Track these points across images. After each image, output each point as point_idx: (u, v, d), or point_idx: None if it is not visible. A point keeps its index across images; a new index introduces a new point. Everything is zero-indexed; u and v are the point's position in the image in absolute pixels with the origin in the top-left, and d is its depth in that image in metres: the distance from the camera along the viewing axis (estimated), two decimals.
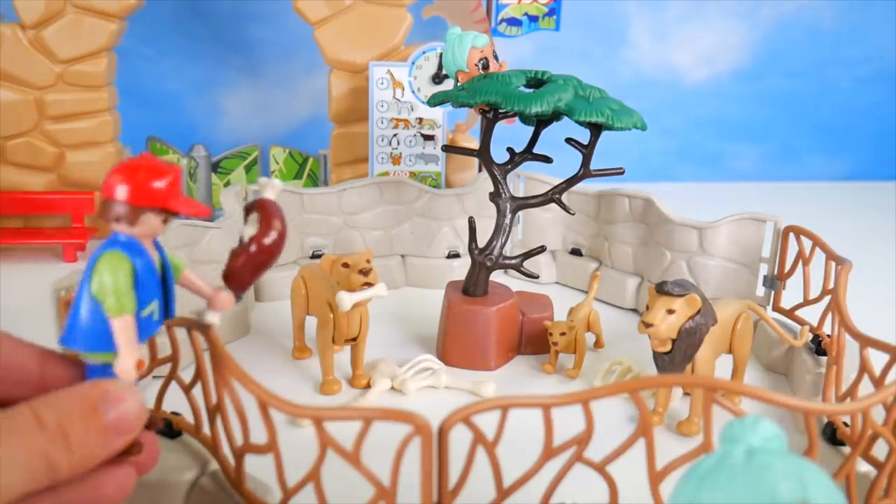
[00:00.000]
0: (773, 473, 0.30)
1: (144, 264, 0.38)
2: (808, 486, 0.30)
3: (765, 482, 0.30)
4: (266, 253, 0.42)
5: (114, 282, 0.37)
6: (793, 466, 0.30)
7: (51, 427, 0.34)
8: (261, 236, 0.42)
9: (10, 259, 1.06)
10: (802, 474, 0.30)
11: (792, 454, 0.31)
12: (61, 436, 0.34)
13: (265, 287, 0.95)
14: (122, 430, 0.36)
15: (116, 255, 0.37)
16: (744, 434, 0.31)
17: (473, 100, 0.74)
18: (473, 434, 0.42)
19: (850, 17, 1.60)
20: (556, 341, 0.76)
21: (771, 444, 0.31)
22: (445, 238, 1.02)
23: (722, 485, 0.30)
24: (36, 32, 1.04)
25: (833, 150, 1.70)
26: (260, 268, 0.43)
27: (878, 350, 0.55)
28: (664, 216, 0.90)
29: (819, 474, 0.30)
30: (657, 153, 1.63)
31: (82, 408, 0.35)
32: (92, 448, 0.35)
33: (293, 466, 0.45)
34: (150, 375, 0.56)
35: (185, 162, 1.17)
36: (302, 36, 1.20)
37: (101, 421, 0.35)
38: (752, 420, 0.32)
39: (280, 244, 0.42)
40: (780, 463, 0.30)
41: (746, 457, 0.31)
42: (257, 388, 0.43)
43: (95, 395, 0.36)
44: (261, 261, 0.42)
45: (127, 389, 0.37)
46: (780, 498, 0.29)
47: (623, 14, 1.55)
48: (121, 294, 0.37)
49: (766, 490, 0.29)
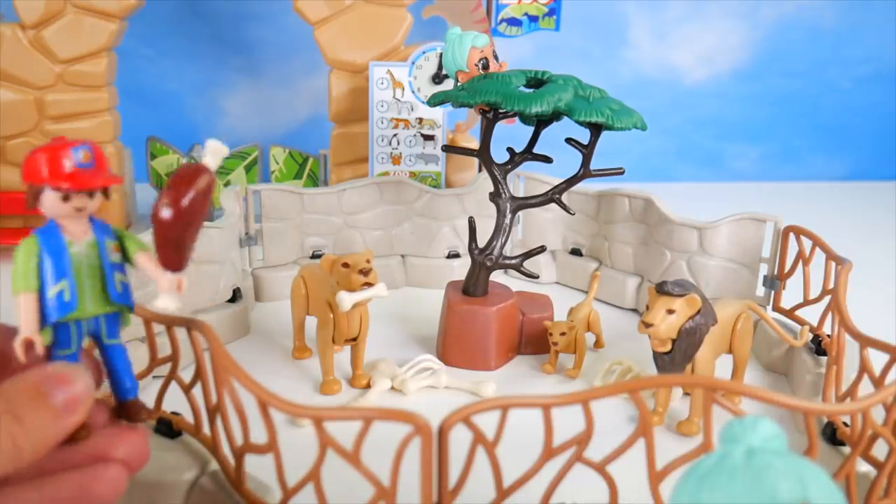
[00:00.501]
0: (774, 473, 0.30)
1: (51, 245, 0.39)
2: (808, 485, 0.30)
3: (765, 482, 0.30)
4: (168, 225, 0.39)
5: (19, 263, 0.39)
6: (793, 466, 0.30)
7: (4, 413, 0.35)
8: (160, 205, 0.39)
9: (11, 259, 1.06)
10: (803, 474, 0.30)
11: (792, 454, 0.31)
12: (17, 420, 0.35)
13: (265, 287, 0.95)
14: (71, 410, 0.37)
15: (29, 239, 0.39)
16: (744, 434, 0.31)
17: (473, 100, 0.74)
18: (473, 434, 0.42)
19: (850, 17, 1.60)
20: (556, 341, 0.76)
21: (771, 443, 0.31)
22: (445, 238, 1.02)
23: (722, 485, 0.30)
24: (36, 32, 1.04)
25: (833, 150, 1.70)
26: (175, 241, 0.40)
27: (878, 350, 0.55)
28: (664, 216, 0.90)
29: (819, 474, 0.30)
30: (657, 153, 1.63)
31: (29, 392, 0.36)
32: (45, 430, 0.36)
33: (293, 466, 0.45)
34: (150, 375, 0.56)
35: (185, 162, 1.17)
36: (302, 36, 1.20)
37: (48, 403, 0.36)
38: (752, 420, 0.31)
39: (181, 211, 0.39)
40: (781, 463, 0.30)
41: (746, 457, 0.31)
42: (257, 388, 0.43)
43: (40, 379, 0.37)
44: (171, 233, 0.40)
45: (71, 370, 0.38)
46: (780, 498, 0.29)
47: (623, 14, 1.55)
48: (18, 274, 0.39)
49: (766, 490, 0.29)
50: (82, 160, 0.39)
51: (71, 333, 0.40)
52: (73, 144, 0.39)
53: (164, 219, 0.39)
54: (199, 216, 0.40)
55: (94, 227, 0.41)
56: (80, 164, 0.39)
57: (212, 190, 0.40)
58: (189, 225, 0.40)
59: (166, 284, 0.41)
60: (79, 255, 0.40)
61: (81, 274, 0.40)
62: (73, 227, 0.40)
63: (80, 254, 0.40)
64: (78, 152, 0.39)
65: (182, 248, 0.40)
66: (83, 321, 0.41)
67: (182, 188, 0.39)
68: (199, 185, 0.39)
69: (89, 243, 0.41)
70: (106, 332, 0.42)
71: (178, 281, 0.41)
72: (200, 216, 0.40)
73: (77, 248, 0.40)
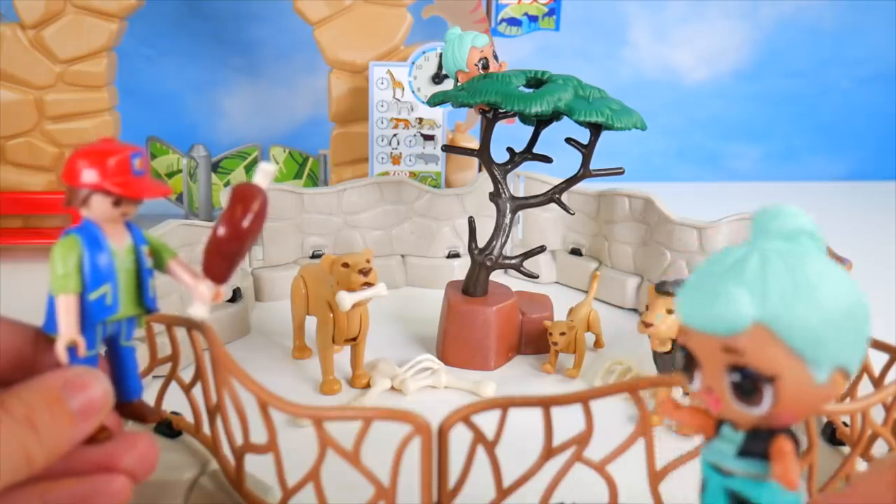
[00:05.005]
0: (737, 282, 0.27)
1: (96, 248, 0.39)
2: (769, 303, 0.27)
3: (724, 290, 0.27)
4: (225, 241, 0.40)
5: (59, 263, 0.38)
6: (772, 275, 0.27)
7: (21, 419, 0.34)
8: (224, 221, 0.40)
9: (10, 259, 1.06)
10: (774, 287, 0.27)
11: (807, 257, 0.28)
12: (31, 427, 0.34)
13: (265, 287, 0.95)
14: (89, 416, 0.37)
15: (69, 239, 0.38)
16: (760, 226, 0.28)
17: (473, 100, 0.74)
18: (473, 434, 0.42)
19: (850, 17, 1.60)
20: (556, 341, 0.76)
21: (789, 241, 0.28)
22: (445, 238, 1.02)
23: (696, 284, 0.29)
24: (36, 32, 1.04)
25: (833, 150, 1.70)
26: (229, 256, 0.41)
27: (878, 350, 0.55)
28: (664, 216, 0.90)
29: (804, 293, 0.27)
30: (657, 153, 1.63)
31: (47, 397, 0.36)
32: (60, 436, 0.35)
33: (293, 466, 0.45)
34: (150, 375, 0.56)
35: (186, 162, 1.17)
36: (302, 36, 1.20)
37: (65, 408, 0.36)
38: (773, 210, 0.29)
39: (240, 231, 0.40)
40: (757, 270, 0.27)
41: (741, 258, 0.28)
42: (257, 387, 0.43)
43: (58, 383, 0.36)
44: (228, 248, 0.40)
45: (90, 375, 0.37)
46: (732, 309, 0.27)
47: (623, 14, 1.55)
48: (59, 274, 0.38)
49: (722, 300, 0.28)
50: (138, 167, 0.39)
51: (97, 335, 0.40)
52: (131, 150, 0.39)
53: (220, 235, 0.40)
54: (254, 235, 0.41)
55: (132, 233, 0.41)
56: (136, 172, 0.39)
57: (266, 210, 0.41)
58: (244, 242, 0.41)
59: (207, 294, 0.42)
60: (119, 259, 0.40)
61: (119, 278, 0.40)
62: (113, 231, 0.40)
63: (119, 258, 0.40)
64: (135, 160, 0.39)
65: (232, 263, 0.41)
66: (109, 324, 0.41)
67: (239, 208, 0.40)
68: (255, 207, 0.40)
69: (128, 248, 0.40)
70: (125, 334, 0.42)
71: (218, 292, 0.42)
72: (254, 235, 0.41)
73: (119, 252, 0.40)
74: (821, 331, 0.27)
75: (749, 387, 0.28)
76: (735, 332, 0.28)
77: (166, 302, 0.52)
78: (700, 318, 0.28)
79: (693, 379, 0.31)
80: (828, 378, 0.28)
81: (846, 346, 0.28)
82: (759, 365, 0.28)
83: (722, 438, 0.32)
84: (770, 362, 0.27)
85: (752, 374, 0.28)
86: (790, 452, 0.29)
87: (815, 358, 0.27)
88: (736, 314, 0.27)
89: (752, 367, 0.28)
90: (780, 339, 0.27)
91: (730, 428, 0.31)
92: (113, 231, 0.40)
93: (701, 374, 0.30)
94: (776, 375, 0.28)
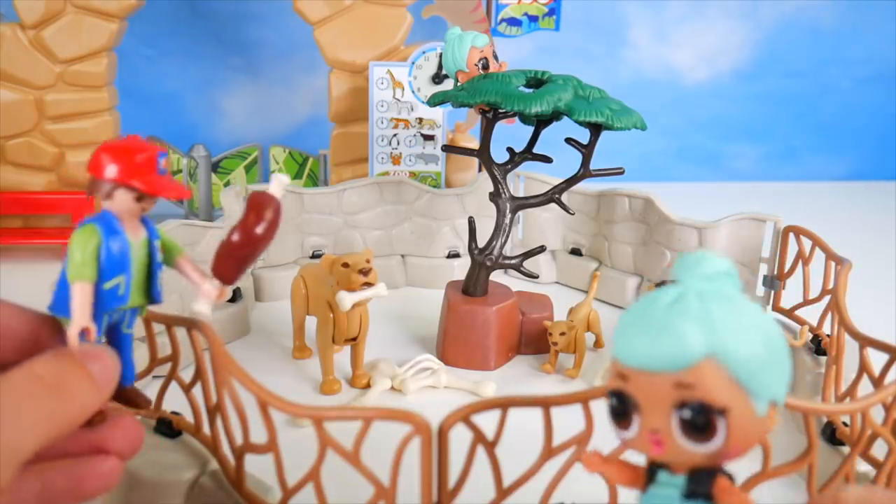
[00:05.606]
0: (686, 318, 0.28)
1: (114, 239, 0.40)
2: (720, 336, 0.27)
3: (674, 327, 0.28)
4: (238, 246, 0.42)
5: (77, 250, 0.39)
6: (717, 310, 0.28)
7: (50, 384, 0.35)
8: (238, 227, 0.42)
9: (10, 259, 1.06)
10: (721, 321, 0.27)
11: (733, 296, 0.29)
12: (59, 392, 0.35)
13: (265, 287, 0.95)
14: (105, 384, 0.38)
15: (88, 228, 0.40)
16: (684, 271, 0.29)
17: (473, 100, 0.74)
18: (473, 434, 0.42)
19: (850, 17, 1.60)
20: (556, 341, 0.76)
21: (714, 283, 0.29)
22: (445, 238, 1.02)
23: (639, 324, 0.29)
24: (36, 32, 1.04)
25: (833, 150, 1.70)
26: (240, 259, 0.43)
27: (878, 350, 0.55)
28: (664, 216, 0.90)
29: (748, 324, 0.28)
30: (657, 153, 1.63)
31: (72, 363, 0.37)
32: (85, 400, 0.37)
33: (293, 466, 0.45)
34: (150, 375, 0.56)
35: (186, 162, 1.17)
36: (302, 36, 1.20)
37: (88, 373, 0.37)
38: (696, 256, 0.29)
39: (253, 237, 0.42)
40: (699, 306, 0.28)
41: (674, 298, 0.28)
42: (257, 387, 0.43)
43: (79, 352, 0.38)
44: (240, 252, 0.43)
45: (100, 348, 0.39)
46: (684, 345, 0.27)
47: (623, 14, 1.55)
48: (78, 262, 0.39)
49: (673, 336, 0.28)
50: (163, 166, 0.41)
51: (103, 322, 0.41)
52: (158, 150, 0.41)
53: (234, 241, 0.42)
54: (266, 242, 0.43)
55: (147, 227, 0.43)
56: (160, 171, 0.41)
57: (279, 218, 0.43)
58: (256, 248, 0.43)
59: (212, 292, 0.44)
60: (134, 251, 0.42)
61: (133, 270, 0.42)
62: (130, 224, 0.41)
63: (134, 251, 0.42)
64: (161, 159, 0.41)
65: (243, 266, 0.44)
66: (117, 312, 0.42)
67: (252, 216, 0.42)
68: (268, 216, 0.42)
69: (142, 242, 0.42)
70: (128, 323, 0.44)
71: (223, 291, 0.44)
72: (267, 242, 0.43)
73: (134, 245, 0.41)
74: (762, 363, 0.28)
75: (702, 421, 0.28)
76: (687, 366, 0.28)
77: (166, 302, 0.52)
78: (649, 357, 0.28)
79: (630, 426, 0.30)
80: (765, 411, 0.29)
81: (778, 379, 0.29)
82: (710, 398, 0.28)
83: (660, 485, 0.31)
84: (721, 394, 0.28)
85: (705, 407, 0.28)
86: (736, 489, 0.30)
87: (757, 390, 0.28)
88: (690, 348, 0.28)
89: (705, 401, 0.28)
90: (727, 372, 0.28)
91: (666, 473, 0.31)
92: (130, 224, 0.41)
93: (641, 419, 0.30)
94: (727, 408, 0.28)
